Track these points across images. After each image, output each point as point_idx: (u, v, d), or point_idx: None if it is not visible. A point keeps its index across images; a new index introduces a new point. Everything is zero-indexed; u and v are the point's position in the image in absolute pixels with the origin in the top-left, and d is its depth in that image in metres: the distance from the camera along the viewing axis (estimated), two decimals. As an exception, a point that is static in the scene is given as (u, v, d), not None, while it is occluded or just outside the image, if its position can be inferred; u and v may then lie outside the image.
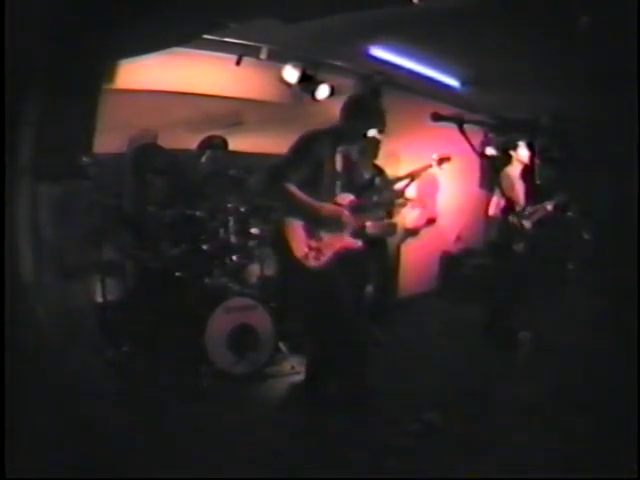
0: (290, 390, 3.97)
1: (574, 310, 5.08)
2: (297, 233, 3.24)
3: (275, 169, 3.21)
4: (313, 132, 3.29)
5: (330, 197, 3.32)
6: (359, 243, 3.48)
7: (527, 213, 4.90)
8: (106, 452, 2.54)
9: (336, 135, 3.33)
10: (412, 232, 6.29)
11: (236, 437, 3.23)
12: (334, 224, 3.30)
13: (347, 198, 3.41)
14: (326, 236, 3.30)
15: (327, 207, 3.25)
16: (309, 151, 3.20)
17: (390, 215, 3.65)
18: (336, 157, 3.34)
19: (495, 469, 2.82)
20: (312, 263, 3.23)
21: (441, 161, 4.46)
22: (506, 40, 3.94)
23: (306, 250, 3.22)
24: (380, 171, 5.12)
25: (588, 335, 4.05)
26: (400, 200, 4.11)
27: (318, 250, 3.25)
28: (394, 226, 5.57)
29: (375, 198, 3.88)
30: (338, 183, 3.38)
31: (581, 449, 2.79)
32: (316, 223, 3.26)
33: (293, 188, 3.14)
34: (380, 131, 3.49)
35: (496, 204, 5.06)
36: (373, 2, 3.33)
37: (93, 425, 2.60)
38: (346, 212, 3.33)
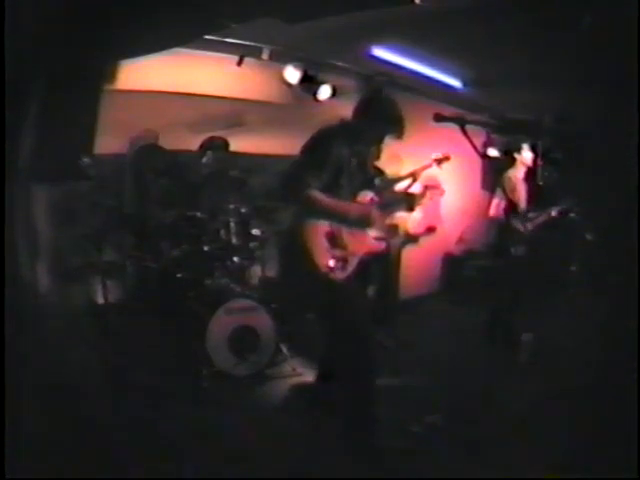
0: (291, 391, 3.96)
1: (576, 312, 5.07)
2: (319, 244, 2.99)
3: (294, 176, 2.96)
4: (328, 129, 3.08)
5: (350, 197, 3.12)
6: (383, 244, 3.32)
7: (530, 215, 4.88)
8: (106, 452, 2.53)
9: (352, 134, 3.11)
10: (412, 238, 6.28)
11: (237, 438, 3.23)
12: (363, 224, 3.12)
13: (367, 196, 3.22)
14: (351, 243, 3.08)
15: (356, 206, 3.09)
16: (328, 150, 2.97)
17: (411, 209, 3.42)
18: (352, 155, 3.12)
19: (495, 469, 2.81)
20: (339, 275, 2.99)
21: (440, 161, 4.46)
22: (508, 41, 3.94)
23: (332, 262, 2.97)
24: (381, 172, 5.11)
25: (590, 337, 4.04)
26: (420, 192, 3.78)
27: (344, 260, 3.03)
28: (396, 227, 5.56)
29: (393, 194, 3.72)
30: (355, 183, 3.17)
31: (581, 449, 2.78)
32: (346, 225, 3.05)
33: (317, 194, 2.90)
34: (398, 138, 3.21)
35: (498, 206, 5.05)
36: (375, 2, 3.32)
37: (93, 425, 2.59)
38: (375, 210, 3.15)
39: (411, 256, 6.32)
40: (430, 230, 6.51)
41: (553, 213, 4.90)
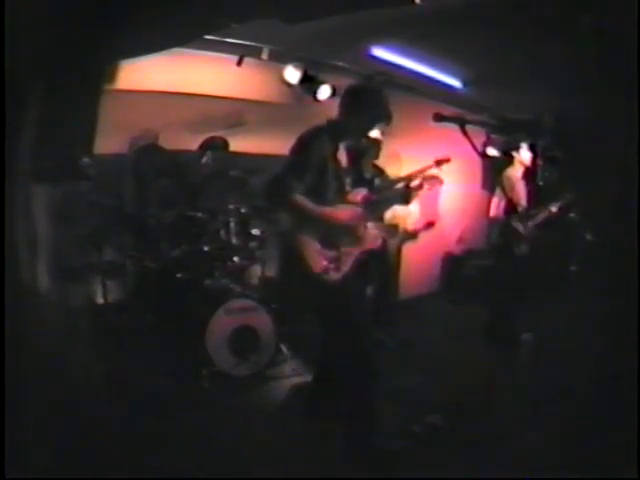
0: (291, 392, 3.96)
1: (576, 311, 5.07)
2: (312, 246, 2.99)
3: (277, 181, 2.97)
4: (312, 131, 3.07)
5: (342, 196, 3.11)
6: (379, 241, 3.33)
7: (530, 213, 4.89)
8: (106, 453, 2.53)
9: (338, 131, 3.11)
10: (411, 235, 6.27)
11: (237, 438, 3.23)
12: (351, 229, 3.09)
13: (360, 193, 3.20)
14: (343, 243, 3.06)
15: (341, 212, 3.04)
16: (310, 152, 2.96)
17: (407, 202, 3.43)
18: (340, 153, 3.12)
19: (496, 469, 2.81)
20: (333, 276, 2.99)
21: (440, 162, 4.46)
22: (508, 40, 3.93)
23: (325, 264, 2.97)
24: (381, 172, 5.11)
25: (590, 337, 4.04)
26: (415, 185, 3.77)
27: (338, 260, 3.01)
28: (396, 227, 5.56)
29: (388, 190, 3.71)
30: (347, 180, 3.17)
31: (581, 449, 2.78)
32: (332, 232, 3.02)
33: (300, 199, 2.90)
34: (387, 124, 3.25)
35: (498, 205, 5.05)
36: (375, 2, 3.31)
37: (93, 426, 2.59)
38: (361, 211, 3.14)
39: (411, 255, 6.33)
40: (429, 225, 6.48)
41: (553, 209, 4.90)
